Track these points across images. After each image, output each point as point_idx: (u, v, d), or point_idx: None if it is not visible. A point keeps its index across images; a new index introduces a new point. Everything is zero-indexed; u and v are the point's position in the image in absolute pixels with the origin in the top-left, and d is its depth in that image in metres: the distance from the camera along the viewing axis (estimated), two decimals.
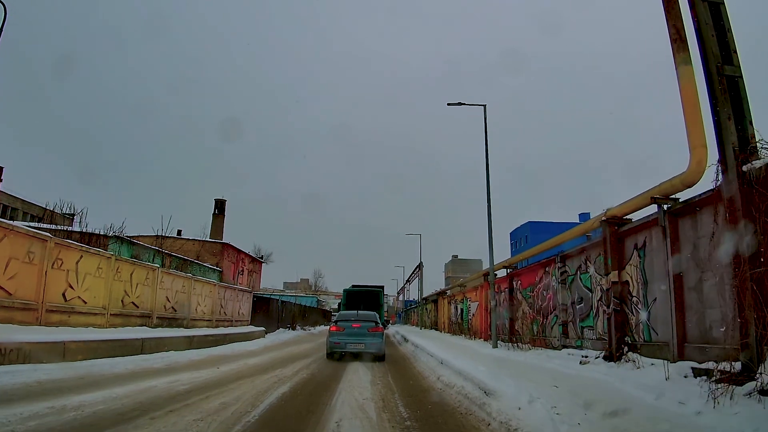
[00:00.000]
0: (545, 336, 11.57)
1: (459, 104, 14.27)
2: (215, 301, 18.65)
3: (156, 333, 13.00)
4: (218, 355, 13.33)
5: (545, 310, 11.63)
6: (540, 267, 12.09)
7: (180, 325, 16.02)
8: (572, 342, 10.12)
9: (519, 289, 13.66)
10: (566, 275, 10.53)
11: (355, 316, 13.65)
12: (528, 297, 12.87)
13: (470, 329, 19.36)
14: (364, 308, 16.89)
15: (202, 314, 17.69)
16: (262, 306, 25.26)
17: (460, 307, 22.01)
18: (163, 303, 15.00)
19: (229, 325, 20.17)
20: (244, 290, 22.78)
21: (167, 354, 12.08)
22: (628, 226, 8.24)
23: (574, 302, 10.13)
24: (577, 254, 10.07)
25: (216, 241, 47.85)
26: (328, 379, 9.00)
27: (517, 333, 13.52)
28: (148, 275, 14.19)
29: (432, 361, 11.29)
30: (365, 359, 13.41)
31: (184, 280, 16.32)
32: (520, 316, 13.33)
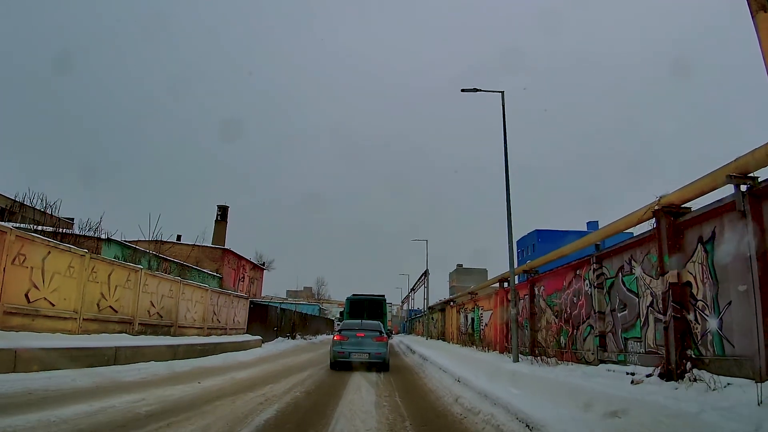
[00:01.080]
0: (576, 349, 10.06)
1: (474, 90, 12.92)
2: (207, 307, 17.24)
3: (134, 341, 11.60)
4: (204, 367, 11.92)
5: (576, 319, 10.14)
6: (569, 270, 10.62)
7: (166, 333, 14.62)
8: (612, 356, 8.61)
9: (542, 295, 12.17)
10: (604, 278, 9.06)
11: (359, 325, 13.33)
12: (553, 304, 11.38)
13: (482, 340, 17.81)
14: (367, 317, 16.34)
15: (192, 321, 16.28)
16: (259, 313, 23.83)
17: (471, 317, 20.47)
18: (146, 308, 13.62)
19: (223, 333, 18.73)
20: (239, 296, 21.38)
21: (145, 365, 10.67)
22: (690, 216, 6.81)
23: (615, 309, 8.64)
24: (618, 253, 8.61)
25: (216, 247, 46.52)
26: (325, 399, 7.54)
27: (539, 345, 12.01)
28: (129, 277, 12.82)
29: (446, 378, 9.82)
30: (368, 372, 11.96)
31: (171, 284, 14.95)
32: (544, 326, 11.83)
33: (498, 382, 8.01)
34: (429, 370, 12.40)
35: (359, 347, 12.24)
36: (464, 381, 8.42)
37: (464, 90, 12.90)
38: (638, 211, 7.71)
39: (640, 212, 7.57)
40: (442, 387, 8.89)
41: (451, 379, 9.40)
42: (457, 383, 8.59)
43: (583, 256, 9.96)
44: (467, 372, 9.75)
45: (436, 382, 9.87)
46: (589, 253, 9.61)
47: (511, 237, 11.48)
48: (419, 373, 12.30)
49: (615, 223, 8.55)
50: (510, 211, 11.59)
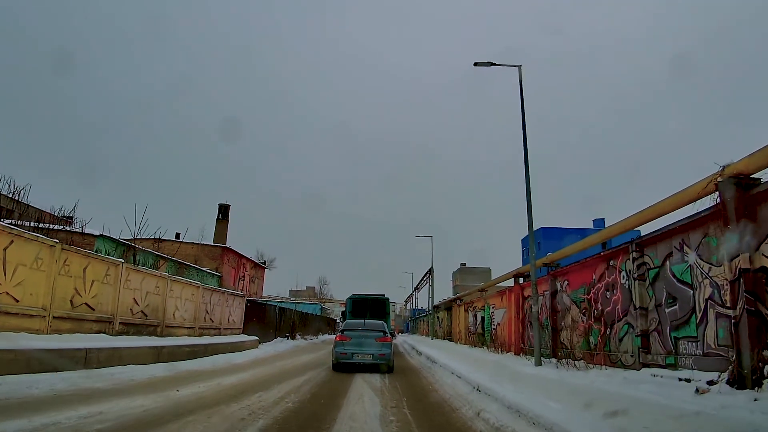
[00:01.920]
0: (609, 351, 8.79)
1: (489, 64, 11.68)
2: (199, 305, 16.05)
3: (111, 342, 10.41)
4: (190, 371, 10.73)
5: (609, 317, 8.87)
6: (600, 261, 9.35)
7: (152, 333, 13.43)
8: (658, 359, 7.35)
9: (565, 291, 10.91)
10: (646, 268, 7.79)
11: (362, 325, 12.81)
12: (580, 300, 10.11)
13: (494, 341, 16.54)
14: (370, 317, 15.48)
15: (182, 321, 15.08)
16: (257, 313, 22.64)
17: (481, 315, 19.20)
18: (129, 306, 12.43)
19: (217, 333, 17.54)
20: (235, 294, 20.18)
21: (121, 370, 9.50)
22: (764, 187, 5.55)
23: (661, 304, 7.37)
24: (665, 238, 7.34)
25: (215, 245, 45.43)
26: (322, 412, 6.31)
27: (563, 346, 10.75)
28: (108, 271, 11.63)
29: (460, 384, 8.59)
30: (372, 376, 10.75)
31: (158, 280, 13.76)
32: (569, 325, 10.56)
33: (525, 390, 6.77)
34: (439, 374, 11.17)
35: (362, 348, 11.82)
36: (484, 389, 7.18)
37: (477, 64, 11.67)
38: (695, 185, 6.44)
39: (699, 186, 6.29)
40: (457, 396, 7.65)
41: (467, 386, 8.16)
42: (476, 392, 7.35)
43: (618, 245, 8.69)
44: (484, 377, 8.51)
45: (448, 389, 8.62)
46: (626, 241, 8.33)
47: (531, 224, 10.24)
48: (428, 377, 11.06)
49: (661, 203, 7.26)
50: (530, 195, 10.35)
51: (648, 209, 7.65)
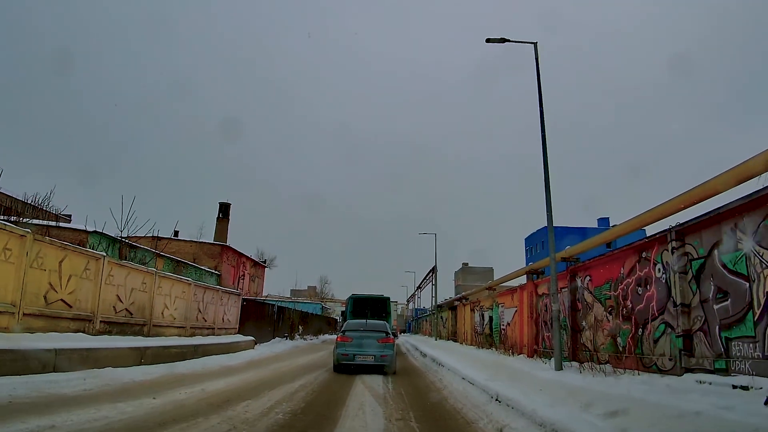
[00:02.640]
0: (642, 353, 7.81)
1: (502, 40, 10.73)
2: (190, 304, 15.11)
3: (88, 342, 9.48)
4: (175, 375, 9.80)
5: (642, 316, 7.89)
6: (630, 253, 8.37)
7: (139, 332, 12.50)
8: (704, 362, 6.38)
9: (587, 287, 9.92)
10: (688, 259, 6.81)
11: (363, 325, 12.48)
12: (605, 297, 9.13)
13: (503, 342, 15.57)
14: (371, 317, 15.35)
15: (172, 320, 14.14)
16: (254, 312, 21.69)
17: (489, 315, 18.21)
18: (111, 303, 11.49)
19: (210, 333, 16.60)
20: (230, 292, 19.23)
21: (97, 373, 8.59)
22: None
23: (708, 300, 6.40)
24: (713, 224, 6.36)
25: (214, 243, 44.54)
26: (315, 427, 5.36)
27: (584, 348, 9.78)
28: (88, 265, 10.70)
29: (474, 392, 7.63)
30: (373, 380, 9.81)
31: (144, 276, 12.82)
32: (591, 325, 9.58)
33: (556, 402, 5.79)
34: (447, 378, 10.21)
35: (364, 349, 11.46)
36: (504, 399, 6.22)
37: (489, 40, 10.73)
38: (754, 158, 5.47)
39: (761, 159, 5.32)
40: (472, 406, 6.69)
41: (483, 394, 7.20)
42: (495, 402, 6.39)
43: (653, 235, 7.71)
44: (501, 384, 7.54)
45: (460, 396, 7.66)
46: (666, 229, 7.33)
47: (551, 213, 9.26)
48: (435, 382, 10.10)
49: (712, 181, 6.24)
50: (548, 181, 9.39)
51: (696, 189, 6.68)
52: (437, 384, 9.69)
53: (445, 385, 9.39)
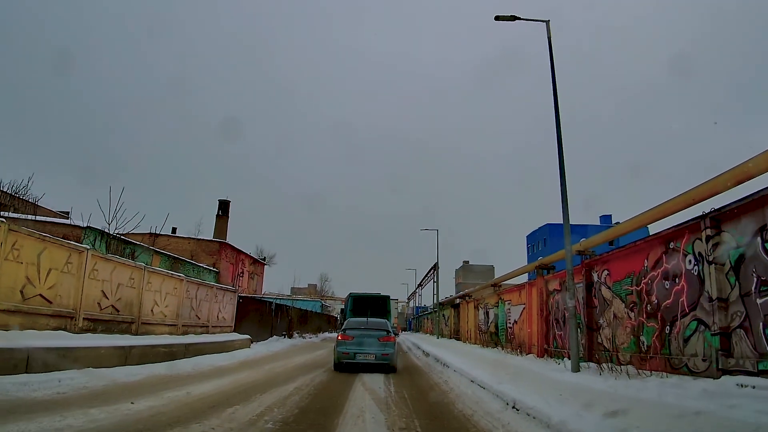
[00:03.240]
0: (670, 353, 7.11)
1: (512, 18, 10.05)
2: (182, 300, 14.42)
3: (66, 341, 8.79)
4: (161, 377, 9.14)
5: (669, 312, 7.18)
6: (655, 244, 7.66)
7: (126, 330, 11.83)
8: (746, 363, 5.68)
9: (605, 282, 9.22)
10: (725, 248, 6.11)
11: (364, 324, 12.32)
12: (626, 293, 8.42)
13: (510, 341, 14.88)
14: (370, 315, 15.19)
15: (162, 317, 13.45)
16: (251, 309, 21.02)
17: (494, 313, 17.51)
18: (96, 299, 10.81)
19: (204, 332, 15.92)
20: (225, 289, 18.53)
21: (76, 374, 7.95)
22: None
23: (750, 293, 5.70)
24: (754, 208, 5.66)
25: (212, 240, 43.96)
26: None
27: (602, 348, 9.09)
28: (70, 259, 10.00)
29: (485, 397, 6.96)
30: (374, 383, 9.13)
31: (132, 270, 12.12)
32: (609, 323, 8.88)
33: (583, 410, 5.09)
34: (453, 380, 9.51)
35: (365, 348, 11.36)
36: (523, 407, 5.54)
37: (499, 18, 10.04)
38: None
39: None
40: (484, 413, 5.99)
41: (496, 400, 6.52)
42: (512, 410, 5.70)
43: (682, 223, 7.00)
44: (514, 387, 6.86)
45: (470, 401, 6.96)
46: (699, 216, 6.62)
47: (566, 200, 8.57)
48: (441, 384, 9.41)
49: (759, 157, 5.55)
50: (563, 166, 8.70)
51: (737, 168, 5.95)
52: (443, 386, 9.01)
53: (451, 387, 8.70)
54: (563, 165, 8.60)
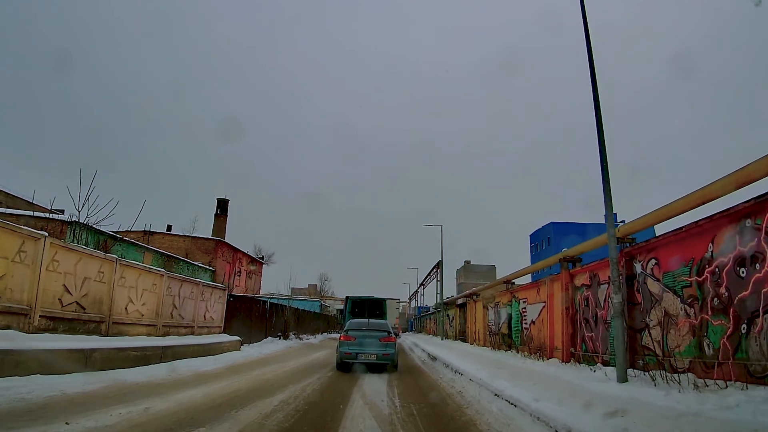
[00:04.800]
0: (748, 358, 5.66)
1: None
2: (162, 298, 12.97)
3: (9, 342, 7.34)
4: (123, 385, 7.74)
5: (746, 307, 5.73)
6: (723, 223, 6.20)
7: (94, 330, 10.39)
8: None
9: (651, 273, 7.74)
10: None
11: (366, 325, 12.68)
12: (682, 285, 6.96)
13: (527, 343, 13.42)
14: (368, 317, 16.29)
15: (138, 316, 12.01)
16: (243, 309, 19.57)
17: (506, 312, 16.05)
18: (56, 294, 9.37)
19: (189, 333, 14.48)
20: (214, 286, 17.06)
21: (19, 382, 6.63)
22: None
23: None
24: None
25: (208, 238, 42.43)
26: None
27: (646, 352, 7.63)
28: (23, 247, 8.57)
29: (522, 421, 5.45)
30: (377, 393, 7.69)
31: (102, 263, 10.68)
32: (659, 322, 7.41)
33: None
34: (470, 391, 8.05)
35: (366, 348, 11.60)
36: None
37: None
38: None
39: None
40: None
41: (536, 424, 5.04)
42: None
43: (763, 195, 5.55)
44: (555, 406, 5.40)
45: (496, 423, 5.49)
46: None
47: (607, 176, 7.13)
48: (454, 395, 7.96)
49: None
50: (602, 130, 7.25)
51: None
52: (457, 398, 7.55)
53: (468, 400, 7.24)
54: (601, 128, 7.17)
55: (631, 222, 8.30)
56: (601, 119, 7.25)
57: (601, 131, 7.23)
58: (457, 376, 9.93)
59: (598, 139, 7.38)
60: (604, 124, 7.31)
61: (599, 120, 7.24)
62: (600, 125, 7.23)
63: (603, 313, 9.17)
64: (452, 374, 10.49)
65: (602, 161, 7.16)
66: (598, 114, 7.30)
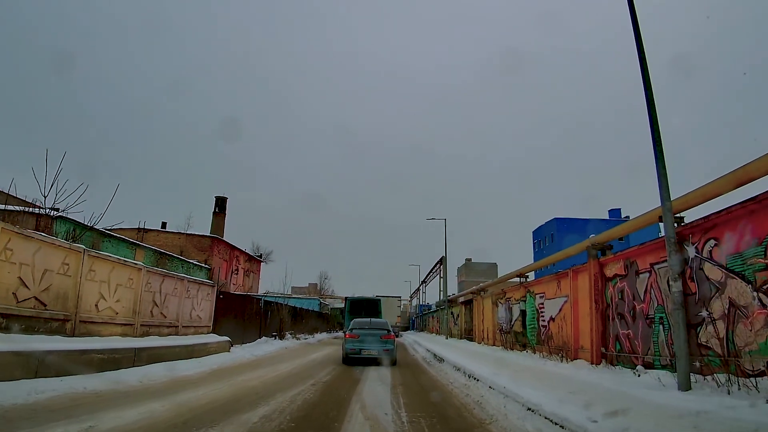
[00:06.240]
0: None
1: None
2: (140, 294, 11.66)
3: None
4: (76, 395, 6.52)
5: None
6: None
7: (58, 330, 9.12)
8: None
9: (709, 257, 6.40)
10: None
11: (368, 324, 13.94)
12: (752, 269, 5.65)
13: (545, 343, 12.12)
14: (365, 315, 18.44)
15: (112, 314, 10.71)
16: (235, 307, 18.27)
17: (519, 309, 14.75)
18: (10, 288, 8.09)
19: (173, 333, 13.18)
20: (200, 282, 15.73)
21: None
22: None
23: None
24: None
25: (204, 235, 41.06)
26: None
27: (705, 352, 6.32)
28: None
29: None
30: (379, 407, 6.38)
31: (66, 254, 9.38)
32: (721, 315, 6.09)
33: None
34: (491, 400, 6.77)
35: (369, 344, 12.85)
36: None
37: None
38: None
39: None
40: None
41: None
42: None
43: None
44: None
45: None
46: None
47: (658, 134, 5.85)
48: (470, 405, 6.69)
49: None
50: (650, 86, 5.95)
51: None
52: (476, 411, 6.26)
53: (490, 414, 5.95)
54: (649, 86, 5.87)
55: (685, 195, 6.93)
56: (645, 56, 5.94)
57: (646, 74, 5.92)
58: (471, 381, 8.63)
59: (645, 91, 6.09)
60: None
61: (644, 63, 5.93)
62: (645, 69, 5.93)
63: (643, 307, 7.86)
64: (465, 379, 9.20)
65: (650, 113, 5.85)
66: (641, 54, 5.99)
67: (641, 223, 8.02)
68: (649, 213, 7.69)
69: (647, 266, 7.81)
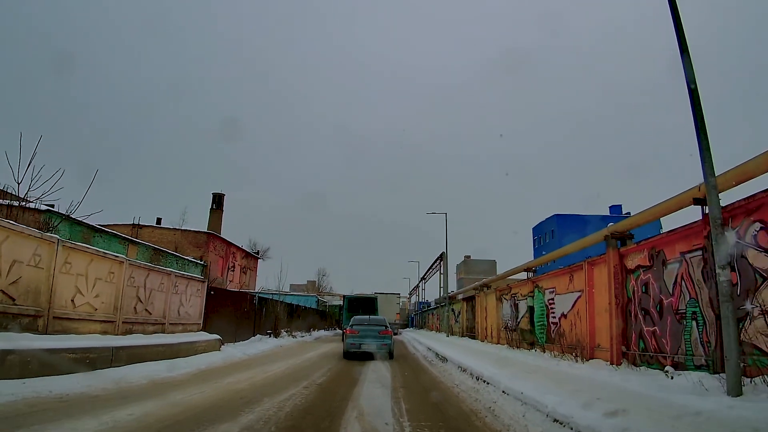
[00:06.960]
0: None
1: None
2: (122, 289, 10.85)
3: None
4: (35, 401, 5.72)
5: None
6: None
7: (29, 327, 8.30)
8: None
9: (753, 243, 5.64)
10: None
11: (367, 320, 14.70)
12: None
13: (556, 341, 11.35)
14: (363, 313, 19.16)
15: (91, 310, 9.90)
16: (227, 304, 17.48)
17: (526, 305, 13.97)
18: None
19: (158, 330, 12.38)
20: (189, 277, 14.89)
21: None
22: None
23: None
24: None
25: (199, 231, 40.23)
26: None
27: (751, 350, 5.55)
28: None
29: None
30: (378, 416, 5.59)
31: (38, 245, 8.56)
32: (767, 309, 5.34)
33: None
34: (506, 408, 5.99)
35: (368, 340, 13.57)
36: None
37: None
38: None
39: None
40: None
41: None
42: None
43: None
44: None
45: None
46: None
47: (698, 100, 5.07)
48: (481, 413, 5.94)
49: None
50: (686, 47, 5.16)
51: None
52: (489, 420, 5.49)
53: (506, 424, 5.19)
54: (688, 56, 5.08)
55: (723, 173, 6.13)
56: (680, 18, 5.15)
57: (682, 36, 5.14)
58: (481, 384, 7.85)
59: (681, 54, 5.31)
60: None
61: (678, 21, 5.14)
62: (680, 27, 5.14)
63: (672, 301, 7.09)
64: (473, 381, 8.42)
65: (689, 79, 5.06)
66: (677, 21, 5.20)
67: (672, 206, 7.22)
68: (680, 195, 6.91)
69: (677, 255, 7.03)
